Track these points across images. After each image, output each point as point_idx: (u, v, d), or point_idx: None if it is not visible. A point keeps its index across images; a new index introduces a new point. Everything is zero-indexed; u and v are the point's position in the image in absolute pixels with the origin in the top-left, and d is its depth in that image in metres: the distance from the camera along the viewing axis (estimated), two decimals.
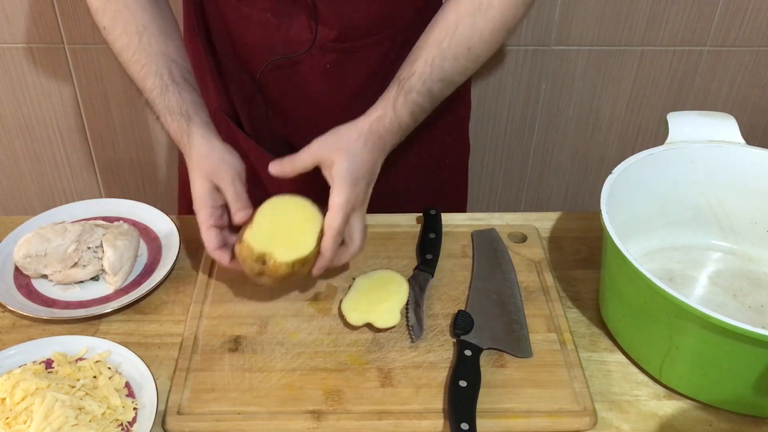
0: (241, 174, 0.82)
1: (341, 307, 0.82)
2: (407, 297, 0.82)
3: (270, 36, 0.91)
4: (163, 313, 0.84)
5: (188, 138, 0.83)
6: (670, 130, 0.87)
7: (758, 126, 1.53)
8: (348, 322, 0.80)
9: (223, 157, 0.82)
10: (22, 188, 1.58)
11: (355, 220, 0.80)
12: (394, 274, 0.85)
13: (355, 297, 0.82)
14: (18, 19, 1.33)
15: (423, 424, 0.71)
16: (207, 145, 0.83)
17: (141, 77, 0.86)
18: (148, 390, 0.72)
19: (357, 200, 0.79)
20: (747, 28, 1.38)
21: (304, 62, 0.92)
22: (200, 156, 0.82)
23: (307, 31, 0.89)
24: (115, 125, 1.48)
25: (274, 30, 0.91)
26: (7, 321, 0.82)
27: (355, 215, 0.80)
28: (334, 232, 0.77)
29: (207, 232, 0.81)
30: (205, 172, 0.82)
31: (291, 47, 0.91)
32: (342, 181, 0.77)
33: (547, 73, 1.43)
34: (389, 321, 0.80)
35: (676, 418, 0.72)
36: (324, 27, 0.89)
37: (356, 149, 0.79)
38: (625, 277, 0.73)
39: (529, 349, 0.78)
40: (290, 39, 0.91)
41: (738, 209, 0.88)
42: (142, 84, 0.86)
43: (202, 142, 0.83)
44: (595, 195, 0.78)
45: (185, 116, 0.84)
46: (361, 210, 0.81)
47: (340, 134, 0.80)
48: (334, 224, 0.77)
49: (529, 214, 0.99)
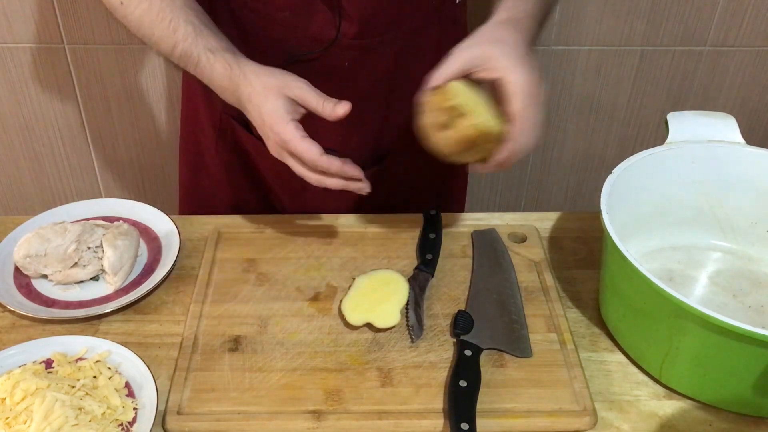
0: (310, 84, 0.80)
1: (341, 307, 0.82)
2: (407, 297, 0.82)
3: (288, 34, 0.90)
4: (163, 313, 0.84)
5: (240, 69, 0.80)
6: (670, 130, 0.87)
7: (758, 126, 1.53)
8: (348, 322, 0.80)
9: (284, 72, 0.80)
10: (22, 188, 1.58)
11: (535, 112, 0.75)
12: (394, 274, 0.85)
13: (355, 297, 0.82)
14: (18, 19, 1.33)
15: (423, 424, 0.71)
16: (261, 68, 0.80)
17: (171, 31, 0.82)
18: (148, 390, 0.72)
19: (534, 85, 0.74)
20: (747, 28, 1.38)
21: (321, 60, 0.91)
22: (263, 77, 0.79)
23: (329, 28, 0.88)
24: (115, 125, 1.47)
25: (293, 28, 0.90)
26: (7, 321, 0.82)
27: (535, 106, 0.74)
28: (525, 119, 0.73)
29: (302, 142, 0.77)
30: (275, 90, 0.78)
31: (309, 45, 0.90)
32: (513, 62, 0.73)
33: (547, 73, 1.43)
34: (389, 321, 0.80)
35: (676, 418, 0.72)
36: (346, 22, 0.88)
37: (507, 36, 0.76)
38: (625, 277, 0.73)
39: (529, 349, 0.78)
40: (309, 36, 0.90)
41: (738, 209, 0.88)
42: (173, 38, 0.82)
43: (256, 68, 0.80)
44: (595, 195, 0.78)
45: (230, 51, 0.81)
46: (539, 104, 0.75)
47: (481, 32, 0.77)
48: (524, 109, 0.73)
49: (529, 214, 0.99)
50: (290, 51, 0.91)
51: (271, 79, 0.79)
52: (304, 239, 0.93)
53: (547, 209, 1.44)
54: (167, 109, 1.43)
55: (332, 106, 0.78)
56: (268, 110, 0.78)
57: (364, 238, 0.94)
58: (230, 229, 0.95)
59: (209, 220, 0.97)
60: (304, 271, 0.88)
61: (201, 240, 0.93)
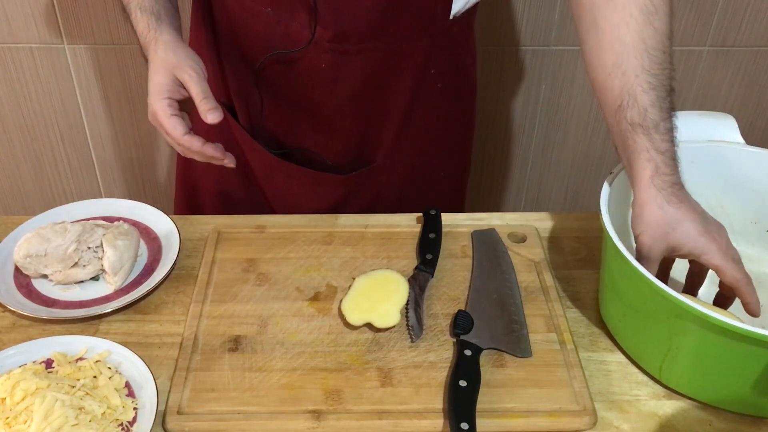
0: (206, 76, 0.83)
1: (341, 306, 0.82)
2: (407, 297, 0.82)
3: (269, 30, 0.91)
4: (163, 313, 0.84)
5: (155, 34, 0.84)
6: None
7: (758, 126, 1.53)
8: (348, 322, 0.80)
9: (189, 55, 0.83)
10: (22, 188, 1.58)
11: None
12: (393, 274, 0.85)
13: (355, 297, 0.82)
14: (18, 19, 1.33)
15: (423, 423, 0.71)
16: (173, 43, 0.84)
17: None
18: (148, 390, 0.72)
19: (722, 244, 0.72)
20: (747, 28, 1.38)
21: (301, 60, 0.92)
22: (166, 51, 0.83)
23: (306, 29, 0.89)
24: (115, 125, 1.48)
25: (274, 24, 0.91)
26: (7, 321, 0.82)
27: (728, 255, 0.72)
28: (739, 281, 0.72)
29: (169, 119, 0.81)
30: (169, 66, 0.82)
31: (290, 43, 0.91)
32: (696, 243, 0.71)
33: (547, 73, 1.43)
34: (389, 321, 0.80)
35: (676, 418, 0.72)
36: (321, 26, 0.89)
37: (671, 214, 0.71)
38: (625, 277, 0.73)
39: (529, 349, 0.78)
40: (289, 35, 0.91)
41: (738, 209, 0.88)
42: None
43: (169, 40, 0.84)
44: (595, 195, 0.78)
45: (156, 15, 0.85)
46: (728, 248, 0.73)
47: (645, 218, 0.73)
48: (736, 275, 0.72)
49: (529, 214, 0.99)
50: (270, 48, 0.92)
51: (171, 56, 0.83)
52: (304, 239, 0.93)
53: (547, 209, 1.44)
54: None
55: (206, 108, 0.81)
56: (154, 82, 0.83)
57: (364, 238, 0.94)
58: (230, 229, 0.95)
59: (209, 220, 0.97)
60: (304, 271, 0.89)
61: (201, 240, 0.93)
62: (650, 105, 0.73)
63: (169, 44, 0.84)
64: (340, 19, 0.88)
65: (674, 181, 0.72)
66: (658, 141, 0.72)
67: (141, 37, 0.86)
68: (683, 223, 0.71)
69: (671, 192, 0.72)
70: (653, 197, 0.72)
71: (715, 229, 0.73)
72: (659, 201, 0.71)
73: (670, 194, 0.72)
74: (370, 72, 0.93)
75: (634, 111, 0.73)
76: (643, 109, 0.73)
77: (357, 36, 0.90)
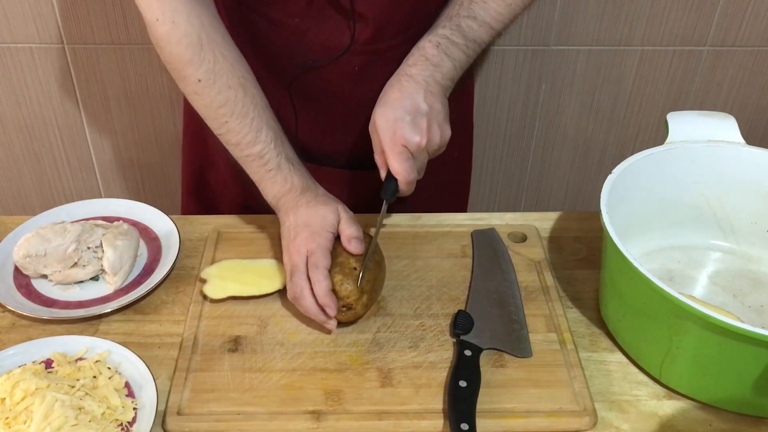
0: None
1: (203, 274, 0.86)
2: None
3: (298, 41, 0.90)
4: (163, 313, 0.84)
5: (315, 185, 0.87)
6: (670, 130, 0.87)
7: (758, 126, 1.53)
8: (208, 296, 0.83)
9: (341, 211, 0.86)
10: (22, 188, 1.58)
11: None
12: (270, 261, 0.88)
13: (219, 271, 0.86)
14: (18, 19, 1.33)
15: (423, 424, 0.71)
16: (326, 197, 0.87)
17: (253, 130, 0.84)
18: (148, 390, 0.72)
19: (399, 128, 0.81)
20: (747, 28, 1.38)
21: (332, 66, 0.91)
22: (327, 203, 0.85)
23: (340, 34, 0.88)
24: (115, 125, 1.47)
25: (303, 35, 0.89)
26: (7, 321, 0.82)
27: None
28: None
29: (325, 260, 0.80)
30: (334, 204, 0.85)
31: (323, 51, 0.90)
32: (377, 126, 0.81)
33: (547, 73, 1.43)
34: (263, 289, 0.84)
35: (676, 418, 0.72)
36: (361, 25, 0.87)
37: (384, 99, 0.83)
38: (625, 277, 0.73)
39: (529, 349, 0.78)
40: (322, 43, 0.89)
41: (738, 209, 0.88)
42: (255, 137, 0.85)
43: (326, 195, 0.87)
44: (595, 195, 0.78)
45: (302, 167, 0.88)
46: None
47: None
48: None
49: (529, 214, 0.99)
50: (301, 58, 0.91)
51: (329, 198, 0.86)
52: None
53: (547, 209, 1.44)
54: (167, 109, 1.43)
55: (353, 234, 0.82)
56: (320, 214, 0.83)
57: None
58: (230, 229, 0.95)
59: (209, 220, 0.97)
60: None
61: (201, 240, 0.93)
62: (446, 16, 0.86)
63: (320, 189, 0.87)
64: (378, 16, 0.87)
65: (406, 71, 0.83)
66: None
67: (291, 190, 0.86)
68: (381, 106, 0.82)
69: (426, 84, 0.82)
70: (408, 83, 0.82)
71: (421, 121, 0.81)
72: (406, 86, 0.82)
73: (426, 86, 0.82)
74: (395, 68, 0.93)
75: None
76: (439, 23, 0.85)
77: (392, 32, 0.89)
